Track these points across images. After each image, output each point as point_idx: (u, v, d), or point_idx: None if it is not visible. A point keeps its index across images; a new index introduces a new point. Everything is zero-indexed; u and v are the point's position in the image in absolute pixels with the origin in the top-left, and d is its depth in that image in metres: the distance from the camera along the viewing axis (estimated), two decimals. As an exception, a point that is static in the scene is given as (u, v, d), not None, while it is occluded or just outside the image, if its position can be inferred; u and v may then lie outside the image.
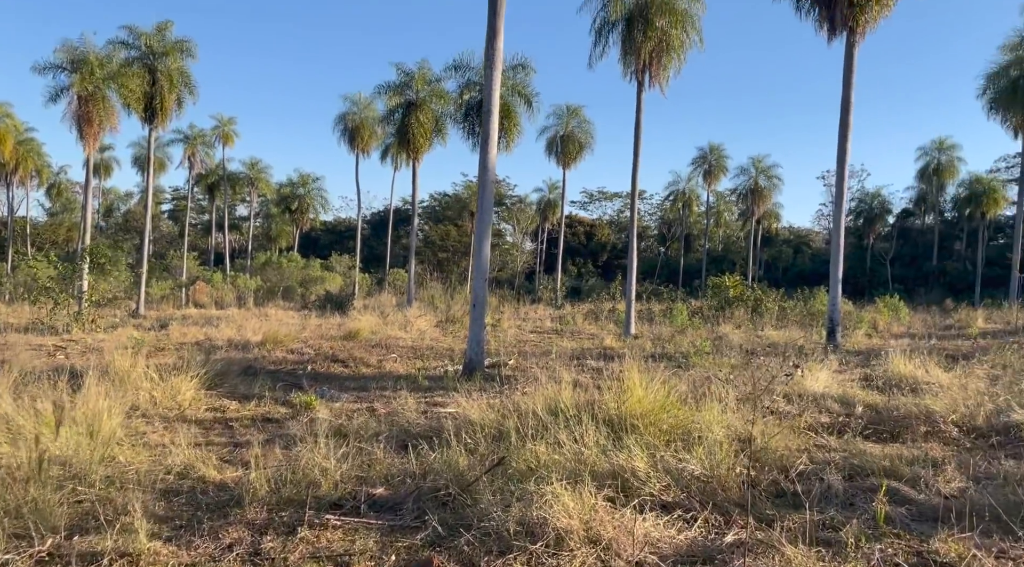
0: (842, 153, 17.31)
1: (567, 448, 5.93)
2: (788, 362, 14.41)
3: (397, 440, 7.81)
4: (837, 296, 17.48)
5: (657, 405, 7.01)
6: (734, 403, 7.58)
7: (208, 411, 10.15)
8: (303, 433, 8.07)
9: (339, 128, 48.26)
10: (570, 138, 49.53)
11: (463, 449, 6.53)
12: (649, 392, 7.40)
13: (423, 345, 18.48)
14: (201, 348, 16.64)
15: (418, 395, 11.21)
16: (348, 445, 7.07)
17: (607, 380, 11.34)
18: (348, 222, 79.85)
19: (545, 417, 7.17)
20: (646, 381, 7.47)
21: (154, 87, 34.42)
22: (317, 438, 6.85)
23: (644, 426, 6.63)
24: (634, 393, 7.19)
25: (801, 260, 75.78)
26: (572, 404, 7.90)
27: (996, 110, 33.57)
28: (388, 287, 52.79)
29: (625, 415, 6.87)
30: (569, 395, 8.29)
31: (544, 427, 6.75)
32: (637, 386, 7.36)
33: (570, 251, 72.04)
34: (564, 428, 6.49)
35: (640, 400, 7.10)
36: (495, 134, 13.12)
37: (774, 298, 32.09)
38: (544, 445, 6.30)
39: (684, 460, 5.69)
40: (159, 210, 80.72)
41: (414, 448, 6.82)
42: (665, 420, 6.78)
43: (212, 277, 51.17)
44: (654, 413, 6.86)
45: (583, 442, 5.99)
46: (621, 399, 7.16)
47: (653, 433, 6.65)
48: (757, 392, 8.97)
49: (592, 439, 6.02)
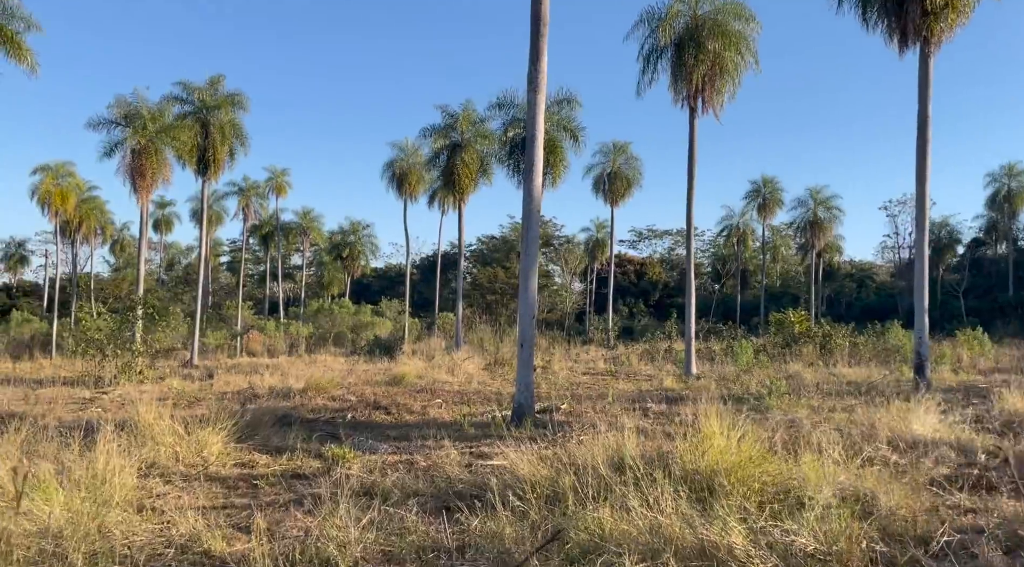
0: (921, 172, 15.89)
1: (638, 514, 4.79)
2: (878, 403, 12.92)
3: (435, 500, 6.77)
4: (924, 328, 15.88)
5: (744, 457, 5.82)
6: (838, 453, 6.32)
7: (235, 467, 9.29)
8: (331, 492, 7.12)
9: (387, 175, 48.35)
10: (617, 175, 48.67)
11: (510, 514, 5.45)
12: (731, 440, 6.21)
13: (470, 389, 17.48)
14: (241, 397, 15.97)
15: (463, 445, 10.17)
16: (377, 508, 6.06)
17: (676, 425, 10.12)
18: (398, 268, 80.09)
19: (608, 473, 6.05)
20: (727, 427, 6.29)
21: (207, 140, 34.91)
22: (340, 501, 5.87)
23: (731, 484, 5.45)
24: (714, 443, 6.03)
25: (865, 294, 72.60)
26: (639, 456, 6.76)
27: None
28: (437, 331, 52.15)
29: (706, 470, 5.69)
30: (634, 445, 7.16)
31: (607, 486, 5.63)
32: (717, 434, 6.18)
33: (620, 291, 70.46)
34: (633, 487, 5.35)
35: (723, 451, 5.93)
36: (540, 161, 12.25)
37: (844, 333, 30.14)
38: (609, 509, 5.18)
39: (790, 531, 4.49)
40: (218, 262, 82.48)
41: (453, 513, 5.76)
42: (756, 476, 5.59)
43: (265, 325, 51.45)
44: (741, 467, 5.68)
45: (659, 507, 4.84)
46: (699, 450, 6.00)
47: (742, 493, 5.46)
48: (859, 438, 7.68)
49: (670, 503, 4.87)
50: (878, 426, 8.26)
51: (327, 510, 6.17)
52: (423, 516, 6.12)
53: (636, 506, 4.82)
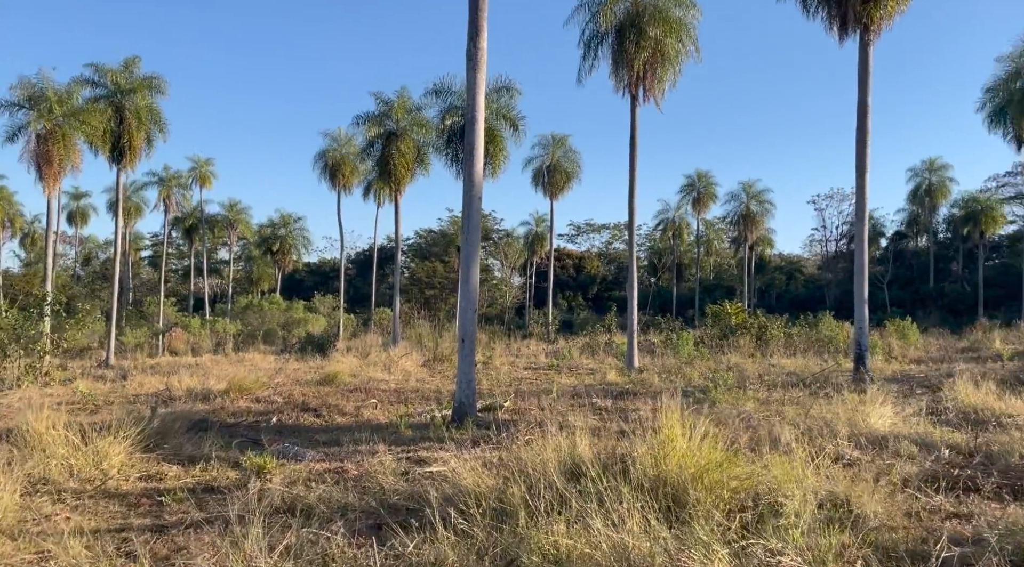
0: (861, 162, 15.85)
1: (601, 535, 4.12)
2: (822, 394, 12.70)
3: (367, 517, 5.98)
4: (864, 319, 15.84)
5: (710, 461, 5.23)
6: (803, 453, 5.80)
7: (139, 480, 8.25)
8: (246, 510, 6.25)
9: (319, 165, 46.74)
10: (557, 168, 48.32)
11: (452, 535, 4.71)
12: (693, 442, 5.62)
13: (408, 387, 16.62)
14: (155, 400, 14.70)
15: (399, 449, 9.36)
16: (297, 530, 5.23)
17: (628, 423, 9.55)
18: (332, 262, 78.03)
19: (561, 483, 5.37)
20: (688, 427, 5.70)
21: (121, 125, 32.80)
22: (252, 522, 5.03)
23: (699, 492, 4.85)
24: (676, 446, 5.42)
25: (794, 286, 74.53)
26: (594, 460, 6.11)
27: (997, 123, 32.54)
28: (374, 327, 50.82)
29: (671, 477, 5.08)
30: (587, 447, 6.51)
31: (562, 499, 4.95)
32: (679, 437, 5.58)
33: (559, 284, 70.34)
34: (592, 500, 4.69)
35: (686, 455, 5.32)
36: (481, 144, 11.51)
37: (779, 325, 30.45)
38: (565, 525, 4.50)
39: (776, 551, 3.89)
40: (138, 256, 78.58)
41: (386, 533, 4.99)
42: (724, 482, 5.00)
43: (190, 323, 49.05)
44: (708, 473, 5.08)
45: (623, 525, 4.18)
46: (661, 453, 5.38)
47: (710, 501, 4.87)
48: (818, 434, 7.24)
49: (637, 520, 4.21)
50: (835, 421, 7.85)
51: (238, 534, 5.31)
52: (351, 538, 5.33)
53: (599, 527, 4.14)
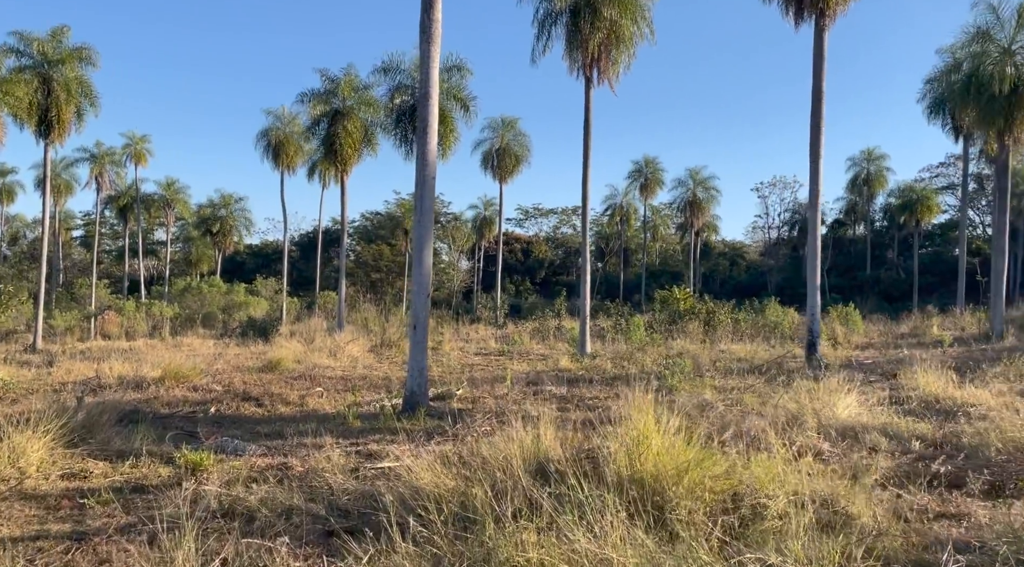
0: (815, 148, 15.88)
1: (580, 546, 3.74)
2: (778, 382, 12.65)
3: (313, 522, 5.48)
4: (816, 306, 15.93)
5: (687, 458, 4.91)
6: (783, 449, 5.55)
7: (61, 479, 7.56)
8: (179, 515, 5.69)
9: (262, 144, 45.08)
10: (506, 151, 47.84)
11: (411, 544, 4.28)
12: (667, 436, 5.30)
13: (355, 374, 16.03)
14: (83, 388, 13.79)
15: (347, 442, 8.85)
16: (235, 540, 4.72)
17: (592, 412, 9.23)
18: (275, 244, 75.99)
19: (527, 481, 4.99)
20: (660, 421, 5.38)
21: (49, 98, 30.98)
22: (184, 531, 4.50)
23: (682, 493, 4.53)
24: (651, 441, 5.08)
25: (737, 272, 76.00)
26: (561, 457, 5.76)
27: (936, 114, 33.36)
28: (319, 311, 49.65)
29: (648, 477, 4.74)
30: (554, 442, 6.14)
31: (532, 502, 4.56)
32: (653, 431, 5.25)
33: (507, 269, 70.06)
34: (572, 507, 4.31)
35: (661, 452, 4.99)
36: (435, 121, 10.96)
37: (726, 310, 30.75)
38: (535, 534, 4.12)
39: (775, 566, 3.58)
40: (69, 236, 75.01)
41: (336, 540, 4.53)
42: (705, 482, 4.69)
43: (124, 306, 47.01)
44: (687, 471, 4.76)
45: (605, 537, 3.81)
46: (636, 451, 5.04)
47: (691, 501, 4.55)
48: (785, 425, 7.03)
49: (621, 530, 3.85)
50: (802, 411, 7.67)
51: (169, 544, 4.78)
52: (296, 547, 4.84)
53: (581, 540, 3.76)
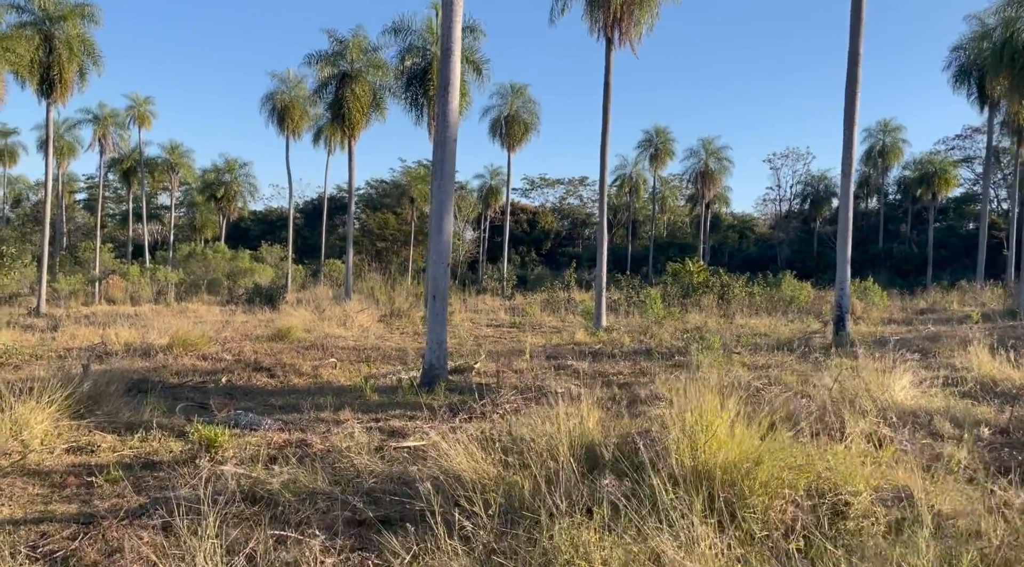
0: (850, 114, 15.21)
1: (664, 549, 3.28)
2: (811, 359, 12.17)
3: (341, 509, 5.04)
4: (846, 279, 15.40)
5: (760, 448, 4.44)
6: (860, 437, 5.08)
7: (67, 453, 7.14)
8: (196, 497, 5.26)
9: (266, 108, 44.34)
10: (515, 119, 47.00)
11: (456, 543, 3.83)
12: (723, 420, 4.82)
13: (367, 345, 15.60)
14: (89, 355, 13.38)
15: (367, 417, 8.42)
16: (260, 531, 4.29)
17: (617, 388, 8.80)
18: (279, 211, 75.35)
19: (575, 470, 4.54)
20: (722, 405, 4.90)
21: (51, 55, 30.26)
22: (203, 520, 4.07)
23: (756, 487, 4.06)
24: (715, 427, 4.61)
25: (746, 245, 75.21)
26: (605, 440, 5.30)
27: (961, 83, 32.43)
28: (324, 279, 49.25)
29: (715, 467, 4.27)
30: (595, 423, 5.67)
31: (587, 495, 4.10)
32: (712, 415, 4.77)
33: (513, 240, 69.44)
34: (628, 497, 3.85)
35: (727, 440, 4.52)
36: (457, 80, 10.35)
37: (740, 284, 30.22)
38: (594, 532, 3.67)
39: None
40: (73, 200, 74.35)
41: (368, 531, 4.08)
42: (782, 476, 4.22)
43: (128, 270, 46.65)
44: (761, 462, 4.29)
45: (692, 543, 3.35)
46: (701, 438, 4.56)
47: (767, 498, 4.09)
48: (839, 408, 6.56)
49: (711, 540, 3.38)
50: (857, 393, 7.19)
51: (185, 533, 4.34)
52: (326, 538, 4.40)
53: (664, 544, 3.29)
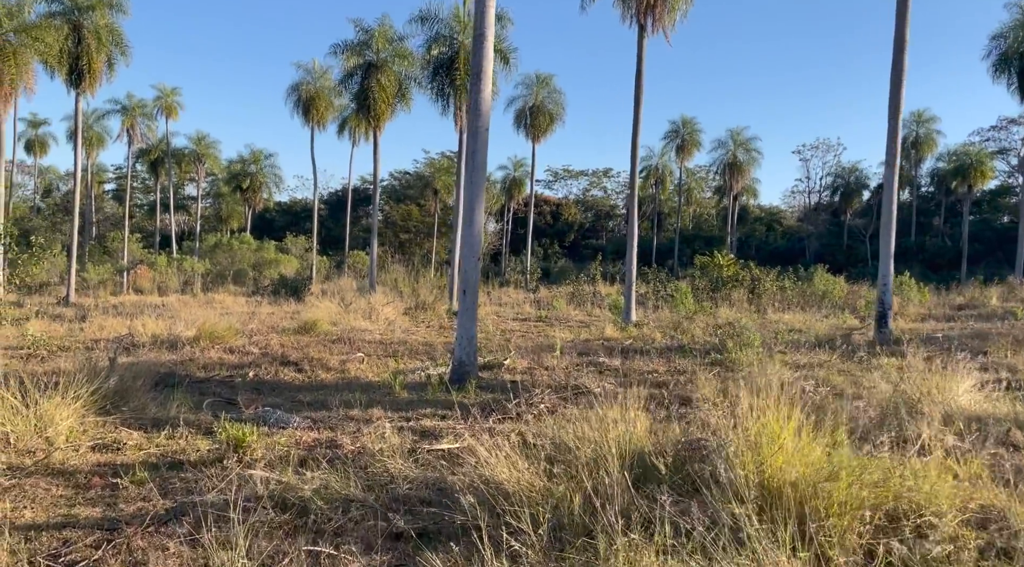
0: (895, 102, 14.64)
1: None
2: (856, 358, 11.72)
3: (375, 518, 4.75)
4: (889, 274, 14.86)
5: (833, 463, 4.08)
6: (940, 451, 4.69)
7: (92, 451, 6.95)
8: (223, 502, 5.02)
9: (292, 99, 44.34)
10: (540, 109, 46.53)
11: (504, 562, 3.53)
12: (786, 429, 4.45)
13: (393, 339, 15.36)
14: (116, 347, 13.28)
15: (398, 416, 8.15)
16: (291, 541, 4.02)
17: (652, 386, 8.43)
18: (304, 202, 75.58)
19: (626, 482, 4.21)
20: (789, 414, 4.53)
21: (79, 46, 30.42)
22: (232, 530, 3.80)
23: (832, 507, 3.71)
24: (783, 438, 4.25)
25: (773, 238, 74.02)
26: (652, 448, 4.96)
27: (1001, 72, 31.43)
28: (348, 270, 49.27)
29: (785, 484, 3.92)
30: (644, 430, 5.33)
31: (643, 513, 3.78)
32: (775, 424, 4.41)
33: (536, 232, 69.00)
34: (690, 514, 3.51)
35: (794, 454, 4.16)
36: (490, 67, 10.00)
37: (771, 278, 29.61)
38: (656, 556, 3.34)
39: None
40: (101, 190, 75.18)
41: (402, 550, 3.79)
42: (862, 493, 3.86)
43: (156, 260, 47.04)
44: (834, 478, 3.93)
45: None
46: (762, 452, 4.21)
47: (842, 519, 3.74)
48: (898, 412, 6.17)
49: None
50: (918, 397, 6.78)
51: (215, 542, 4.09)
52: (362, 553, 4.11)
53: None
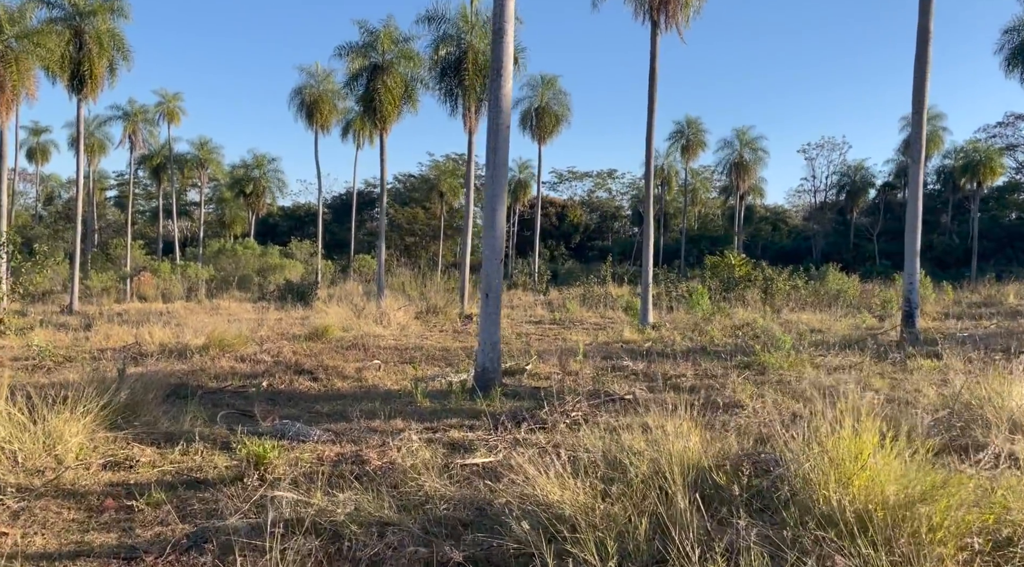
0: (919, 96, 14.28)
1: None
2: (889, 358, 11.34)
3: (415, 545, 4.37)
4: (915, 273, 14.47)
5: (923, 480, 3.70)
6: None
7: (104, 469, 6.58)
8: (245, 527, 4.68)
9: (295, 103, 44.11)
10: (545, 111, 46.18)
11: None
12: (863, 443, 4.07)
13: (408, 344, 14.99)
14: (124, 357, 12.93)
15: (422, 427, 7.77)
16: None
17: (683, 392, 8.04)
18: (308, 207, 75.32)
19: (698, 504, 3.83)
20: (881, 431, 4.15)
21: (81, 51, 30.15)
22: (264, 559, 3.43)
23: (927, 533, 3.33)
24: (865, 455, 3.87)
25: (779, 237, 73.55)
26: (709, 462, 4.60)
27: (1014, 66, 31.02)
28: (353, 275, 48.91)
29: (875, 506, 3.54)
30: (697, 442, 4.95)
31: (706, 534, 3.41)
32: (849, 438, 4.04)
33: (542, 233, 68.62)
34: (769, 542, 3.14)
35: (879, 472, 3.78)
36: (510, 63, 9.62)
37: (784, 277, 29.20)
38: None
39: None
40: (103, 196, 74.95)
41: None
42: (964, 516, 3.48)
43: (159, 267, 46.76)
44: (926, 500, 3.55)
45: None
46: (843, 469, 3.83)
47: (939, 545, 3.35)
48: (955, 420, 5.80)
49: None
50: (978, 403, 6.39)
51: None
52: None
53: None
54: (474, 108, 26.45)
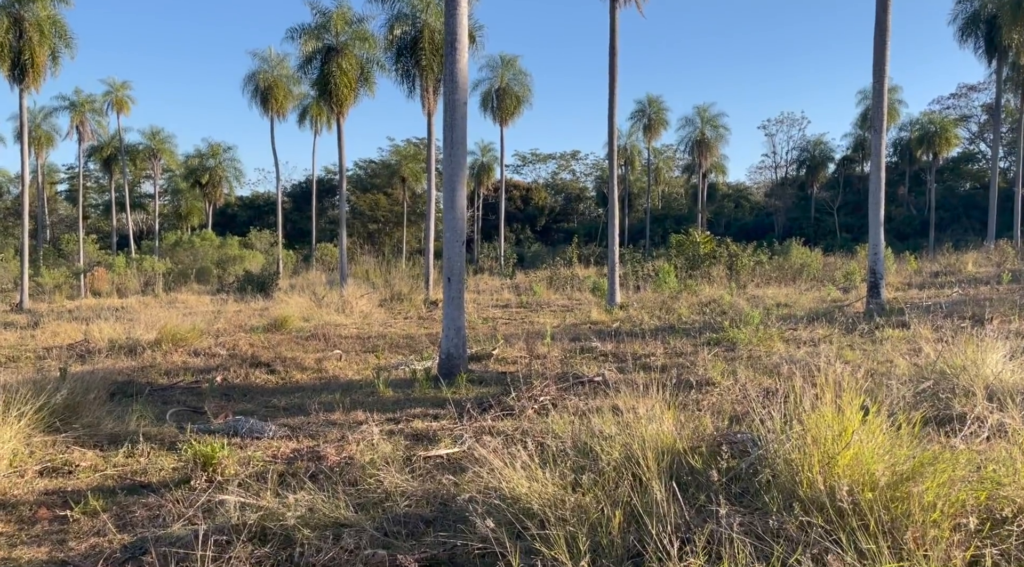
0: (880, 63, 14.18)
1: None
2: (857, 330, 11.27)
3: (373, 546, 4.05)
4: (880, 244, 14.48)
5: (912, 457, 3.48)
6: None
7: (41, 476, 6.14)
8: (188, 536, 4.31)
9: (249, 89, 42.88)
10: (506, 92, 45.61)
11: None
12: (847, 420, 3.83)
13: (371, 333, 14.57)
14: (71, 355, 12.33)
15: (384, 418, 7.42)
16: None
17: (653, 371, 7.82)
18: (267, 196, 73.73)
19: (674, 492, 3.57)
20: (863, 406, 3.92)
21: (21, 39, 28.83)
22: None
23: (935, 515, 3.11)
24: (848, 431, 3.64)
25: (742, 214, 74.17)
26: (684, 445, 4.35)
27: (968, 36, 31.38)
28: (316, 263, 48.05)
29: (863, 486, 3.31)
30: (670, 424, 4.69)
31: (686, 528, 3.14)
32: (831, 414, 3.80)
33: (507, 217, 68.15)
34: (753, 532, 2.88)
35: (868, 449, 3.55)
36: (464, 36, 9.22)
37: (748, 254, 29.31)
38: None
39: None
40: (54, 191, 72.51)
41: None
42: (956, 494, 3.26)
43: (114, 262, 45.35)
44: (916, 477, 3.33)
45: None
46: (826, 448, 3.59)
47: (934, 527, 3.13)
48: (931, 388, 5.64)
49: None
50: (954, 371, 6.25)
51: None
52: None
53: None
54: (432, 88, 25.86)
